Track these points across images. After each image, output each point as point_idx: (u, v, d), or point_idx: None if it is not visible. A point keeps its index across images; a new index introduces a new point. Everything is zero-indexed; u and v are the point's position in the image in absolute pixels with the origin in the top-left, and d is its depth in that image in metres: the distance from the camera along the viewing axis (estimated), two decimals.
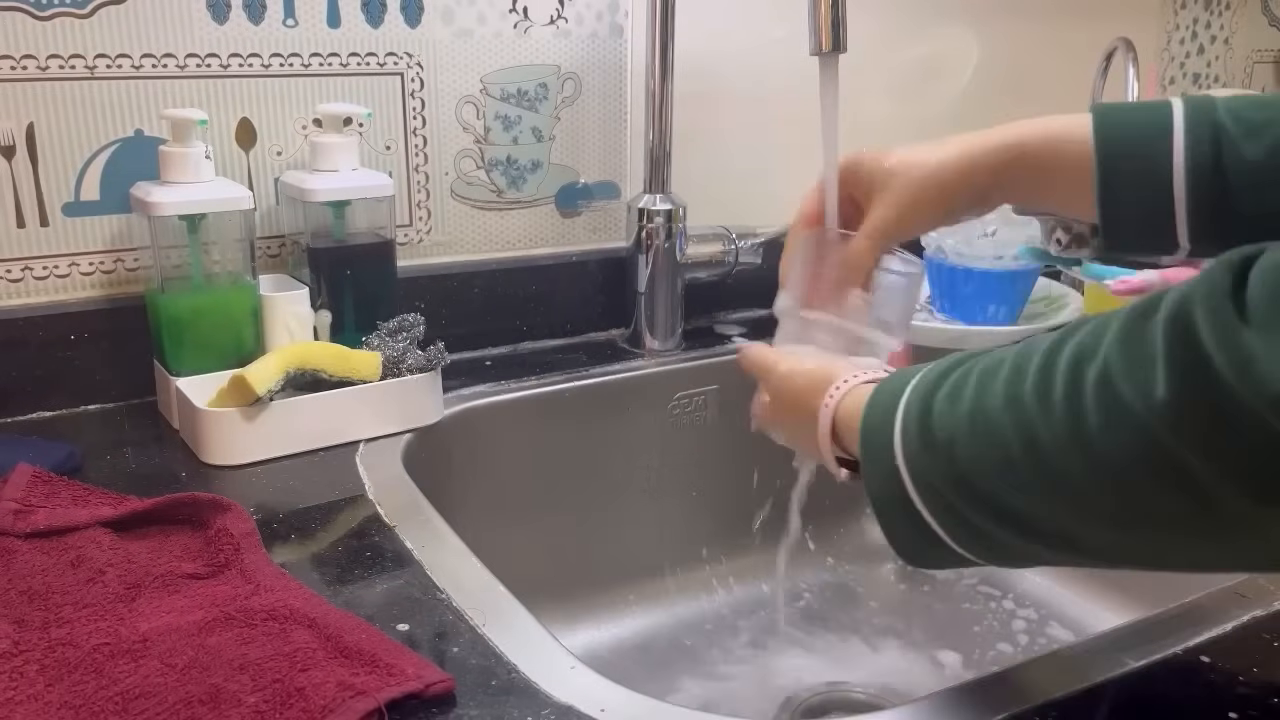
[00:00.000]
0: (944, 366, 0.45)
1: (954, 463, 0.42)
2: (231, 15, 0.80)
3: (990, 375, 0.42)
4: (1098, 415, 0.36)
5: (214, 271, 0.78)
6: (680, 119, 0.92)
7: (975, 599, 0.94)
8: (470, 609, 0.55)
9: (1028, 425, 0.39)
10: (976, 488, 0.41)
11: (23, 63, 0.75)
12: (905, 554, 0.47)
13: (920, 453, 0.43)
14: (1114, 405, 0.36)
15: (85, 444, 0.72)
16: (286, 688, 0.46)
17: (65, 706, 0.45)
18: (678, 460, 0.93)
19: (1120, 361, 0.36)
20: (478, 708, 0.47)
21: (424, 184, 0.91)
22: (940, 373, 0.45)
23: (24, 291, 0.79)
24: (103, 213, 0.80)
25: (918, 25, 1.14)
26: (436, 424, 0.79)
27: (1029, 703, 0.48)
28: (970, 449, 0.41)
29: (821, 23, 0.61)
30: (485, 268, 0.94)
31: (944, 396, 0.43)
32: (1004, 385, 0.40)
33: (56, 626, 0.51)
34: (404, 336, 0.78)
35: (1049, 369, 0.39)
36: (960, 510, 0.42)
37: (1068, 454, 0.37)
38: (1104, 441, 0.36)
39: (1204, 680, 0.50)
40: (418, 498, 0.68)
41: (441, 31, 0.88)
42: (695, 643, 0.89)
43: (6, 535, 0.59)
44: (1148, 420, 0.34)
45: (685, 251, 0.95)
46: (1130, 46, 1.12)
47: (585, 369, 0.91)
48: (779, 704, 0.81)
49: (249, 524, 0.61)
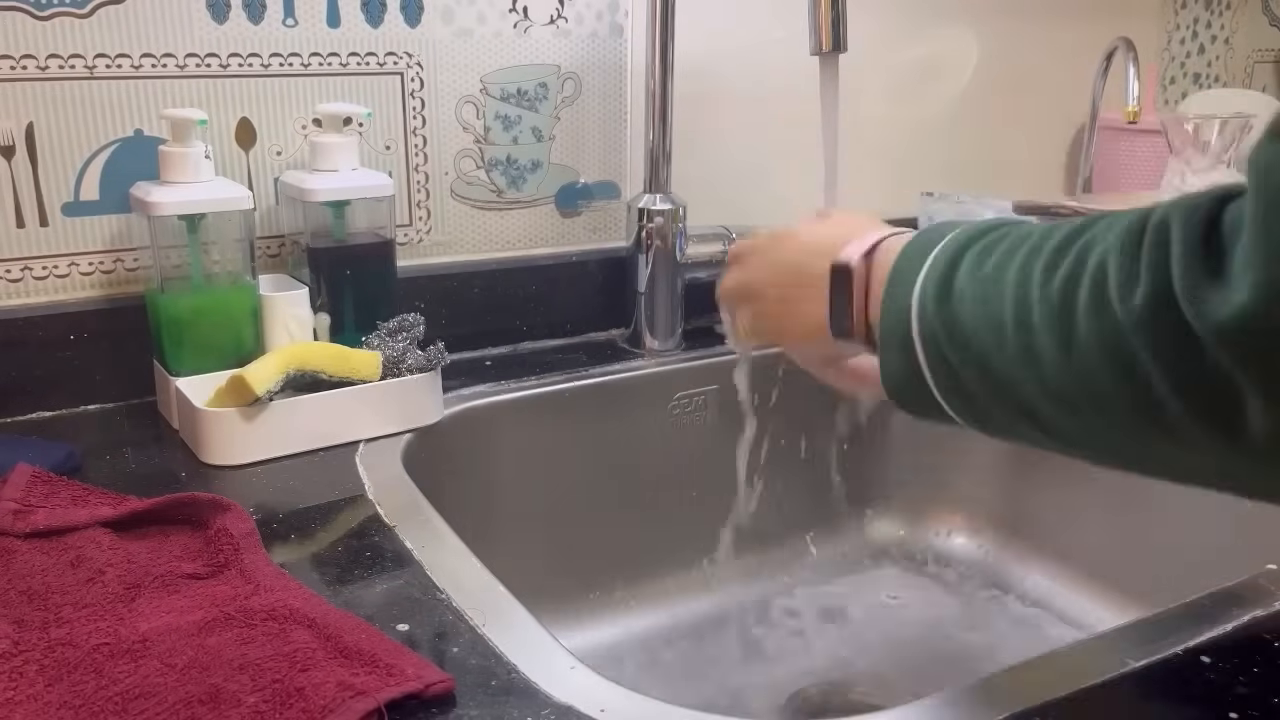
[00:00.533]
0: (985, 226, 0.46)
1: (956, 316, 0.43)
2: (231, 15, 0.80)
3: (1020, 242, 0.42)
4: (1085, 302, 0.37)
5: (214, 271, 0.78)
6: (680, 119, 0.92)
7: (976, 598, 0.94)
8: (470, 609, 0.55)
9: (1025, 298, 0.40)
10: (971, 348, 0.42)
11: (22, 63, 0.75)
12: (892, 389, 0.48)
13: (933, 300, 0.44)
14: (1100, 297, 0.36)
15: (85, 444, 0.72)
16: (286, 688, 0.46)
17: (65, 706, 0.45)
18: (678, 460, 0.93)
19: (1116, 257, 0.36)
20: (477, 708, 0.47)
21: (424, 184, 0.91)
22: (981, 230, 0.46)
23: (24, 291, 0.79)
24: (102, 213, 0.80)
25: (917, 25, 1.14)
26: (436, 424, 0.79)
27: (1029, 703, 0.48)
28: (974, 307, 0.42)
29: (821, 23, 0.61)
30: (485, 268, 0.94)
31: (975, 253, 0.44)
32: (1023, 256, 0.41)
33: (56, 626, 0.51)
34: (404, 336, 0.78)
35: (1064, 250, 0.39)
36: (954, 367, 0.44)
37: (1048, 331, 0.38)
38: (1083, 328, 0.37)
39: (1204, 680, 0.50)
40: (418, 498, 0.68)
41: (441, 31, 0.88)
42: (695, 642, 0.89)
43: (6, 535, 0.59)
44: (1123, 319, 0.35)
45: (685, 251, 0.95)
46: (1130, 46, 1.12)
47: (585, 369, 0.91)
48: (779, 704, 0.81)
49: (249, 524, 0.61)
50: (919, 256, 0.47)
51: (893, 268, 0.48)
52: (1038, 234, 0.42)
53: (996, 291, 0.41)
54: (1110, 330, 0.36)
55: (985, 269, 0.43)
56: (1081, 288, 0.37)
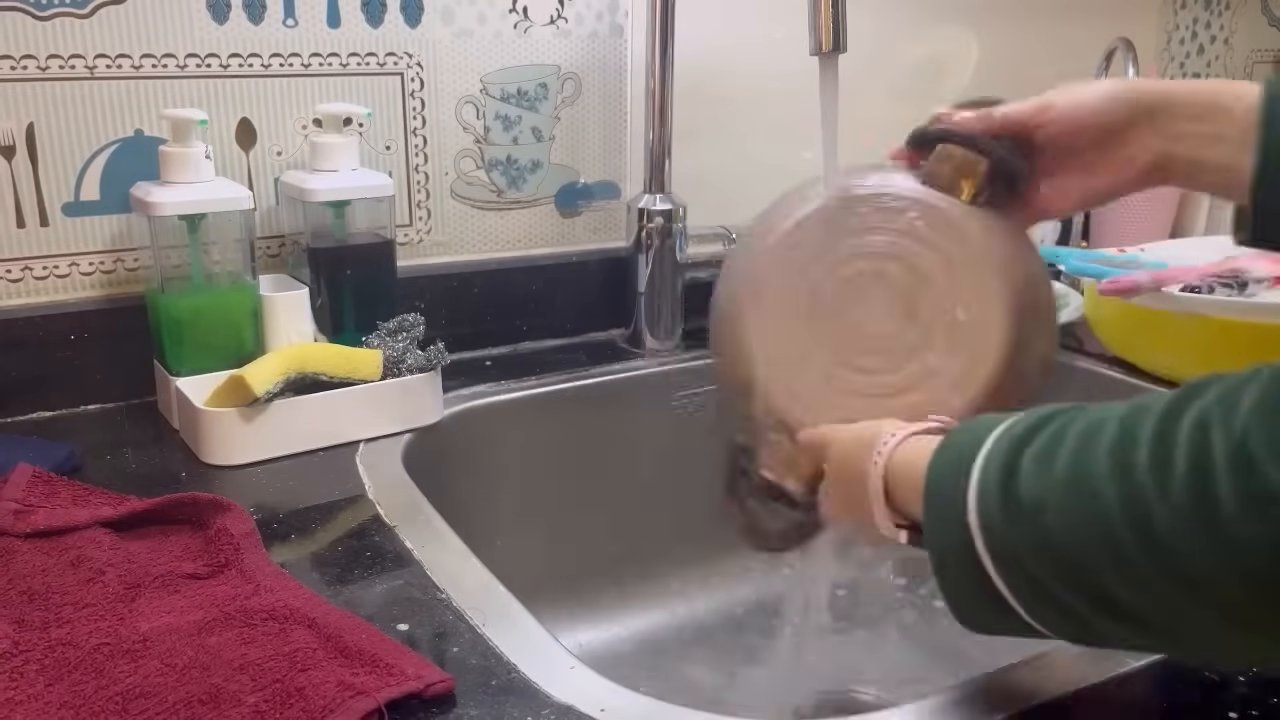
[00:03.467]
0: (1032, 420, 0.41)
1: (1043, 532, 0.38)
2: (231, 15, 0.80)
3: (1091, 437, 0.37)
4: (1233, 497, 0.32)
5: (214, 271, 0.78)
6: (680, 119, 0.92)
7: None
8: (470, 609, 0.55)
9: (1140, 500, 0.34)
10: (1069, 563, 0.37)
11: (23, 63, 0.75)
12: (966, 619, 0.44)
13: (1000, 514, 0.39)
14: (1254, 484, 0.31)
15: (85, 444, 0.72)
16: (286, 688, 0.46)
17: (65, 706, 0.45)
18: (678, 460, 0.93)
19: (1263, 435, 0.32)
20: (477, 708, 0.47)
21: (424, 184, 0.91)
22: (1029, 427, 0.40)
23: (24, 291, 0.79)
24: (103, 213, 0.80)
25: (918, 25, 1.14)
26: (436, 424, 0.79)
27: (1029, 703, 0.48)
28: (1066, 519, 0.37)
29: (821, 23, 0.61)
30: (485, 268, 0.94)
31: (1034, 455, 0.39)
32: (1110, 451, 0.36)
33: (56, 626, 0.51)
34: (404, 336, 0.78)
35: (1167, 436, 0.34)
36: (1044, 583, 0.38)
37: (1190, 538, 0.33)
38: (1241, 528, 0.32)
39: (1204, 680, 0.50)
40: (418, 498, 0.68)
41: (441, 31, 0.88)
42: (696, 642, 0.89)
43: (6, 535, 0.59)
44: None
45: (685, 251, 0.95)
46: (1130, 46, 1.12)
47: (585, 369, 0.91)
48: (780, 703, 0.81)
49: (249, 524, 0.61)
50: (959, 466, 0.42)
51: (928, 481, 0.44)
52: (1110, 421, 0.37)
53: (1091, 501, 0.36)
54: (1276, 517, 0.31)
55: (1055, 473, 0.38)
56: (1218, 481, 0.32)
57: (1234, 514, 0.32)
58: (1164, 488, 0.34)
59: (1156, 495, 0.34)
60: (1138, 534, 0.34)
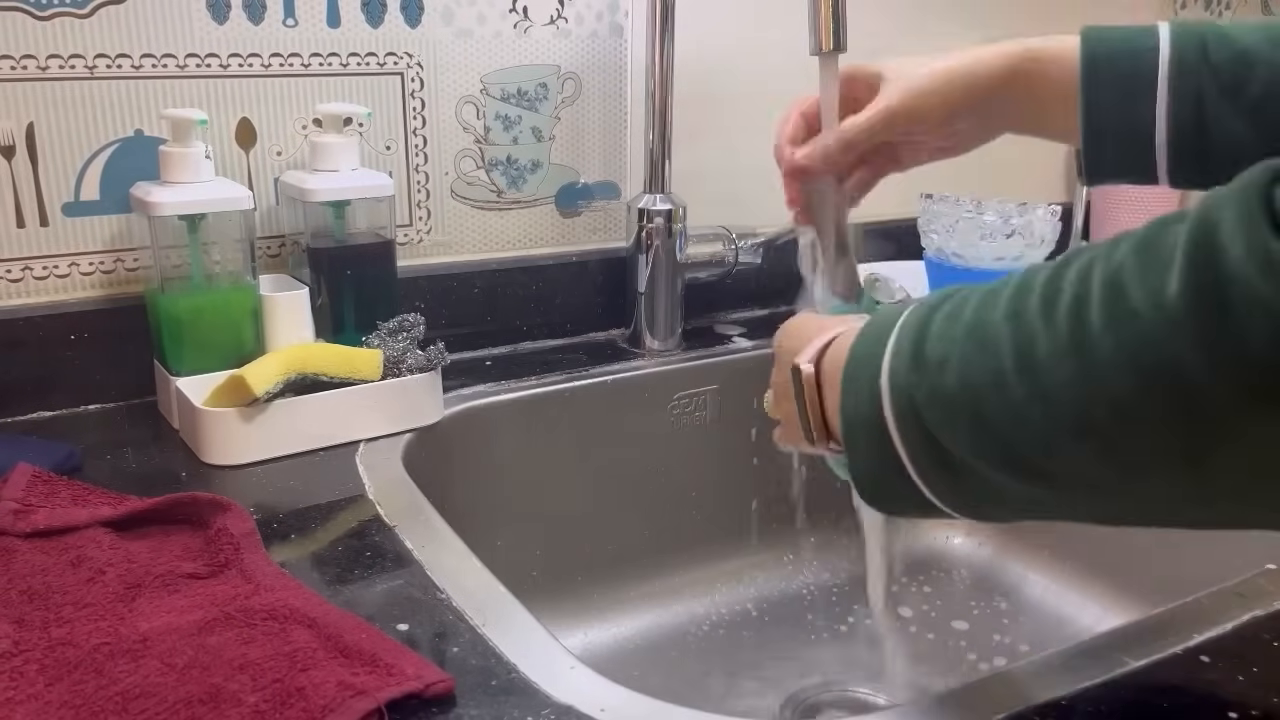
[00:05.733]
0: (946, 291, 0.42)
1: (941, 379, 0.38)
2: (231, 15, 0.80)
3: (994, 293, 0.39)
4: (1100, 318, 0.33)
5: (214, 271, 0.78)
6: (680, 119, 0.92)
7: (975, 599, 0.94)
8: (470, 609, 0.55)
9: (1027, 336, 0.36)
10: (963, 408, 0.38)
11: (23, 63, 0.75)
12: (864, 486, 0.44)
13: (908, 371, 0.40)
14: (1119, 307, 0.33)
15: (85, 444, 0.72)
16: (286, 687, 0.46)
17: (65, 706, 0.45)
18: (677, 460, 0.93)
19: (1135, 265, 0.33)
20: (477, 708, 0.47)
21: (424, 184, 0.91)
22: (943, 294, 0.42)
23: (24, 291, 0.79)
24: (103, 213, 0.80)
25: (918, 25, 1.14)
26: (436, 424, 0.79)
27: (1029, 703, 0.48)
28: (962, 364, 0.38)
29: (821, 23, 0.61)
30: (485, 268, 0.94)
31: (944, 315, 0.40)
32: (1007, 300, 0.37)
33: (56, 626, 0.51)
34: (404, 336, 0.78)
35: (1057, 279, 0.36)
36: (932, 433, 0.39)
37: (1061, 363, 0.34)
38: (1101, 346, 0.33)
39: (1204, 680, 0.50)
40: (418, 498, 0.68)
41: (441, 31, 0.88)
42: (695, 642, 0.89)
43: (6, 535, 0.59)
44: (1153, 321, 0.32)
45: (685, 251, 0.95)
46: None
47: (585, 369, 0.91)
48: (780, 703, 0.81)
49: (249, 524, 0.61)
50: (877, 340, 0.43)
51: (849, 357, 0.44)
52: (1015, 280, 0.38)
53: (984, 343, 0.37)
54: (1135, 337, 0.32)
55: (959, 328, 0.39)
56: (1091, 307, 0.34)
57: (1098, 335, 0.33)
58: (1048, 319, 0.35)
59: (1041, 326, 0.35)
60: (1021, 367, 0.36)
